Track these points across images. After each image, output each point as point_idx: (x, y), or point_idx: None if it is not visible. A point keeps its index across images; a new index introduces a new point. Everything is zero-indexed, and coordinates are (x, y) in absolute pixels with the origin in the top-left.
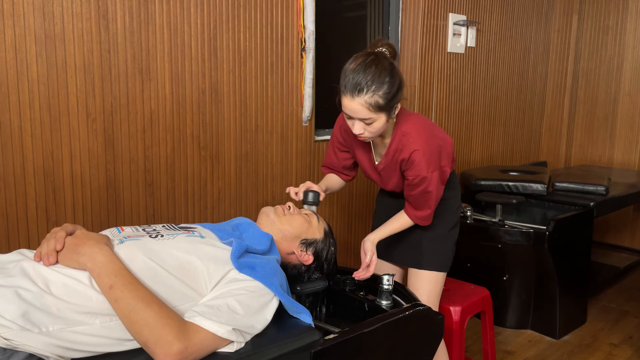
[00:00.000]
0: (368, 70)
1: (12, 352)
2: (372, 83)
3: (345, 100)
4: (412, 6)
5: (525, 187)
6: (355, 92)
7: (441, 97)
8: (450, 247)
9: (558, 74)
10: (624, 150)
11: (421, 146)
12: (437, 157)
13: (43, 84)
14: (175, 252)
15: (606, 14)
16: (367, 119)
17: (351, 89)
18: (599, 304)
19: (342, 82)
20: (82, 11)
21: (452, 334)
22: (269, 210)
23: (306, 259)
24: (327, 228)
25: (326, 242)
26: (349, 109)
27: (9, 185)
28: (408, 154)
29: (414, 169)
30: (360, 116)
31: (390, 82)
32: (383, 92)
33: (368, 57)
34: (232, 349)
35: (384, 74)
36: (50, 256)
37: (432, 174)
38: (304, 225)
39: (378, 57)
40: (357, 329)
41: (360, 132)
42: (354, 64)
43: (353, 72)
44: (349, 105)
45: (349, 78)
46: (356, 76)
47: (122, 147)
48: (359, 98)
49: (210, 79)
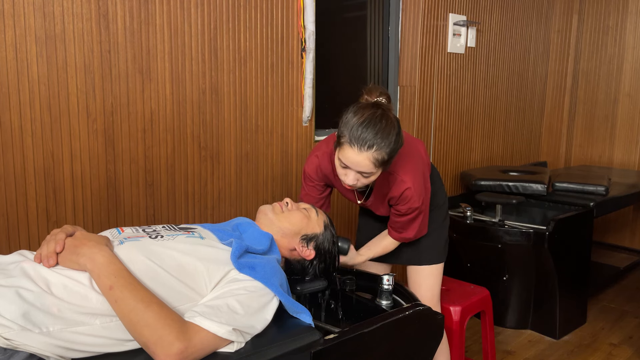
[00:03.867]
0: (378, 127)
1: (13, 352)
2: (382, 140)
3: (351, 152)
4: (412, 6)
5: (525, 187)
6: (365, 147)
7: (441, 97)
8: (445, 237)
9: (558, 74)
10: (624, 150)
11: (412, 183)
12: (424, 184)
13: (43, 84)
14: (175, 253)
15: (606, 14)
16: (367, 172)
17: (360, 143)
18: (599, 304)
19: (347, 132)
20: (82, 11)
21: (452, 334)
22: (266, 208)
23: (308, 254)
24: (327, 220)
25: (327, 235)
26: (351, 161)
27: (9, 185)
28: (399, 192)
29: (406, 204)
30: (361, 169)
31: (396, 140)
32: (390, 149)
33: (375, 111)
34: (232, 349)
35: (393, 131)
36: (50, 258)
37: (422, 201)
38: (303, 221)
39: (385, 112)
40: (357, 329)
41: (353, 183)
42: (360, 117)
43: (362, 126)
44: (354, 158)
45: (357, 131)
46: (365, 131)
47: (122, 147)
48: (367, 153)
49: (211, 79)
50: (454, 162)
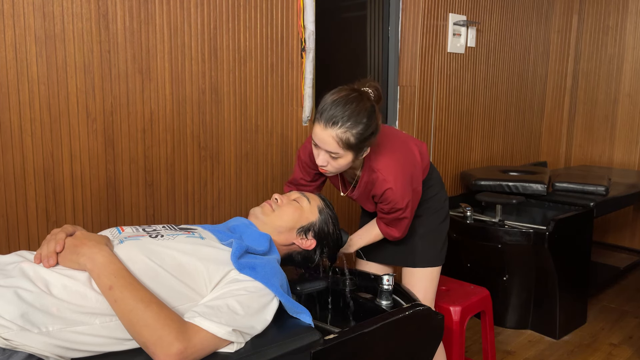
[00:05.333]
0: (348, 106)
1: (12, 352)
2: (348, 119)
3: (318, 127)
4: (412, 6)
5: (525, 187)
6: (329, 124)
7: (441, 97)
8: (442, 240)
9: (558, 74)
10: (624, 151)
11: (393, 184)
12: (409, 186)
13: (43, 84)
14: (176, 253)
15: (606, 14)
16: (334, 153)
17: (326, 119)
18: (599, 304)
19: (319, 109)
20: (82, 11)
21: (452, 334)
22: (256, 211)
23: (308, 244)
24: (321, 203)
25: (323, 219)
26: (318, 138)
27: (9, 185)
28: (381, 191)
29: (388, 204)
30: (327, 148)
31: (366, 123)
32: (357, 131)
33: (352, 93)
34: (232, 349)
35: (362, 114)
36: (50, 258)
37: (406, 204)
38: (295, 214)
39: (362, 95)
40: (357, 329)
41: (323, 164)
42: (335, 96)
43: (332, 103)
44: (319, 133)
45: (327, 107)
46: (334, 108)
47: (122, 147)
48: (331, 130)
49: (210, 79)
50: (454, 162)
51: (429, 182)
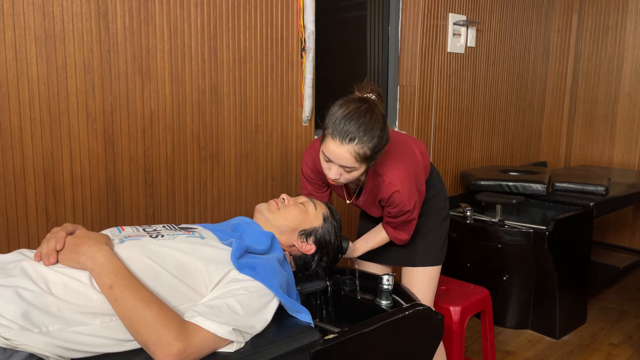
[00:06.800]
0: (362, 120)
1: (12, 352)
2: (365, 134)
3: (332, 144)
4: (412, 6)
5: (525, 187)
6: (346, 140)
7: (441, 97)
8: (443, 239)
9: (558, 74)
10: (624, 150)
11: (400, 186)
12: (415, 188)
13: (43, 84)
14: (176, 253)
15: (606, 14)
16: (349, 167)
17: (341, 135)
18: (599, 304)
19: (331, 124)
20: (82, 11)
21: (452, 334)
22: (262, 207)
23: (307, 249)
24: (327, 212)
25: (326, 227)
26: (333, 154)
27: (9, 185)
28: (387, 194)
29: (396, 207)
30: (343, 163)
31: (380, 135)
32: (373, 144)
33: (361, 105)
34: (232, 349)
35: (376, 126)
36: (50, 256)
37: (413, 205)
38: (300, 216)
39: (371, 107)
40: (357, 329)
41: (335, 178)
42: (345, 109)
43: (344, 118)
44: (335, 150)
45: (340, 123)
46: (348, 123)
47: (122, 147)
48: (348, 146)
49: (210, 79)
50: (454, 161)
51: (431, 181)
